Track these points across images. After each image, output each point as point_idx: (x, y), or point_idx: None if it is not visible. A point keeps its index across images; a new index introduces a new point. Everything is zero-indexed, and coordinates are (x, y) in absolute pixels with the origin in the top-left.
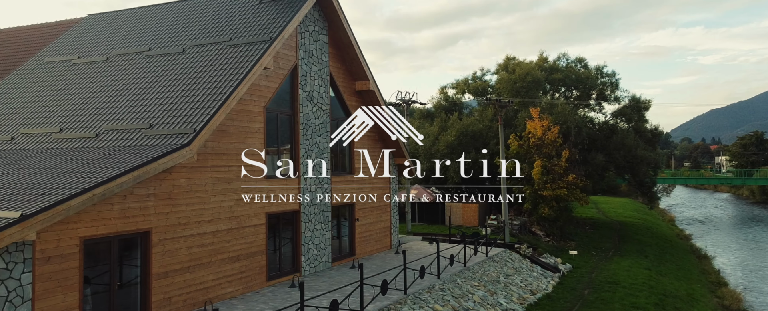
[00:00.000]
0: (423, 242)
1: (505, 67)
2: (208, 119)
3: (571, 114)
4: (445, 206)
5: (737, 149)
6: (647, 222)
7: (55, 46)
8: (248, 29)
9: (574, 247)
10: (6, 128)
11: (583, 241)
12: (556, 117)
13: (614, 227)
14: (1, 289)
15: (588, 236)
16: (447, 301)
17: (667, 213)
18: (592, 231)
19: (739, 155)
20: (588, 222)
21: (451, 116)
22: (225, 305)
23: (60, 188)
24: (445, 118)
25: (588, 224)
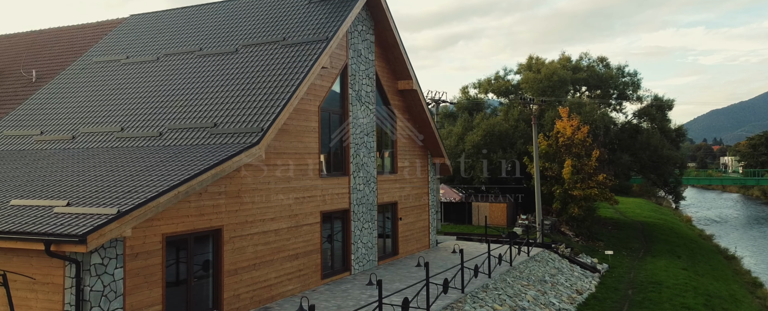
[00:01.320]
0: (457, 241)
1: (529, 67)
2: (275, 118)
3: (599, 114)
4: (471, 205)
5: (747, 150)
6: (667, 222)
7: (101, 47)
8: (301, 29)
9: (602, 247)
10: (65, 127)
11: (611, 241)
12: (584, 117)
13: (636, 227)
14: (97, 284)
15: (613, 236)
16: (504, 301)
17: (682, 213)
18: (615, 231)
19: (748, 155)
20: (609, 222)
21: (476, 116)
22: (311, 301)
23: (143, 185)
24: (468, 118)
25: (610, 224)
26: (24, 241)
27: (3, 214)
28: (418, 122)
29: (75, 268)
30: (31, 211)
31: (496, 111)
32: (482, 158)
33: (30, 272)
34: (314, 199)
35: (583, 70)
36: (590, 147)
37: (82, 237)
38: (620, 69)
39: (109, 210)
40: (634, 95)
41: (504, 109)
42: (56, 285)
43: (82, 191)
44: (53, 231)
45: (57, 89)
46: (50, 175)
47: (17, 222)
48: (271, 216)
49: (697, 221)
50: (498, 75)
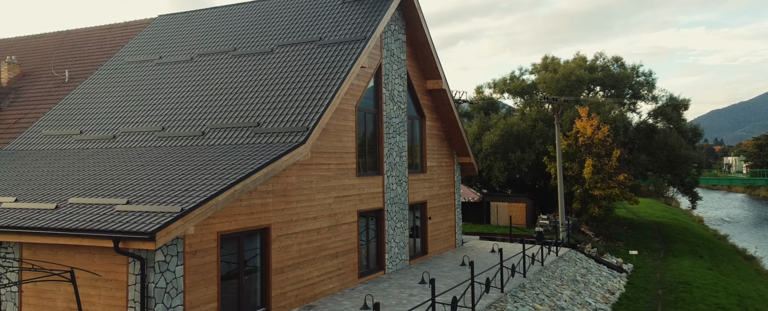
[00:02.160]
0: (481, 241)
1: (545, 67)
2: (319, 117)
3: (618, 113)
4: (489, 205)
5: (753, 150)
6: (680, 223)
7: (132, 47)
8: (337, 29)
9: (622, 247)
10: (104, 126)
11: (630, 241)
12: (603, 116)
13: (651, 227)
14: (161, 281)
15: (631, 236)
16: (542, 300)
17: (692, 213)
18: (631, 231)
19: (754, 155)
20: (624, 222)
21: (493, 116)
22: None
23: (199, 184)
24: (484, 117)
25: (624, 224)
26: (92, 238)
27: (65, 212)
28: (446, 121)
29: (139, 265)
30: (92, 209)
31: (512, 111)
32: (500, 158)
33: (92, 269)
34: (352, 198)
35: (598, 70)
36: (610, 147)
37: (151, 235)
38: (634, 69)
39: (172, 208)
40: (649, 94)
41: (521, 108)
42: (119, 281)
43: (139, 190)
44: (121, 229)
45: (92, 89)
46: (100, 174)
47: (82, 220)
48: (313, 215)
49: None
50: (513, 75)
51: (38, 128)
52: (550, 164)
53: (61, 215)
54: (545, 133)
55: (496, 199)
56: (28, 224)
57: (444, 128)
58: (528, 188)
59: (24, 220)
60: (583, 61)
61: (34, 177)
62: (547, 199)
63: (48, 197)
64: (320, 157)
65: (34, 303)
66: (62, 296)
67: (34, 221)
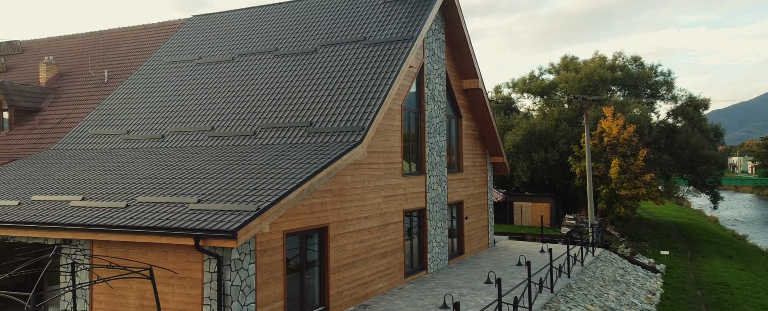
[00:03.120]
0: (511, 241)
1: (566, 67)
2: (373, 117)
3: (643, 113)
4: (513, 205)
5: (761, 150)
6: (697, 223)
7: (169, 48)
8: (382, 28)
9: (647, 247)
10: (151, 126)
11: (653, 241)
12: (628, 116)
13: (670, 227)
14: (236, 278)
15: (654, 236)
16: (591, 300)
17: (704, 213)
18: (652, 231)
19: (763, 155)
20: (643, 222)
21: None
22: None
23: (267, 183)
24: (504, 117)
25: (644, 224)
26: (173, 236)
27: (136, 210)
28: (480, 121)
29: (216, 263)
30: (164, 207)
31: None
32: (523, 158)
33: (166, 266)
34: (398, 198)
35: (617, 70)
36: (636, 147)
37: (233, 233)
38: (653, 68)
39: (247, 207)
40: (668, 94)
41: (541, 108)
42: (194, 279)
43: (206, 189)
44: (201, 227)
45: (133, 89)
46: (161, 173)
47: (156, 218)
48: (365, 215)
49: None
50: (532, 75)
51: (84, 128)
52: (575, 164)
53: (132, 213)
54: (569, 133)
55: (520, 199)
56: (103, 222)
57: (478, 127)
58: (548, 188)
59: (97, 218)
60: (603, 60)
61: (93, 176)
62: (567, 199)
63: (116, 196)
64: (371, 156)
65: (106, 300)
66: (134, 293)
67: (106, 220)
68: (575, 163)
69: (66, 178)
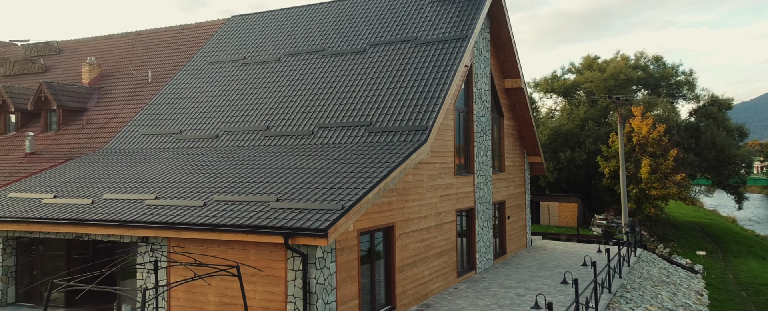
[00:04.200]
0: (546, 241)
1: (589, 66)
2: (436, 116)
3: (670, 113)
4: (539, 205)
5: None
6: (717, 223)
7: (211, 48)
8: (432, 28)
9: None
10: (203, 126)
11: (681, 242)
12: (657, 116)
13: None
14: (320, 276)
15: (679, 236)
16: (648, 301)
17: (719, 213)
18: (675, 232)
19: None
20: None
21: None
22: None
23: (341, 182)
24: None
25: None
26: (261, 234)
27: (216, 208)
28: (520, 120)
29: (300, 261)
30: (243, 206)
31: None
32: (549, 158)
33: (247, 264)
34: (451, 197)
35: (640, 69)
36: (665, 147)
37: (323, 231)
38: (674, 67)
39: (332, 205)
40: (690, 93)
41: (565, 108)
42: (277, 277)
43: (279, 188)
44: (291, 225)
45: (179, 90)
46: (227, 172)
47: (239, 216)
48: (424, 214)
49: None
50: (555, 75)
51: (134, 128)
52: (604, 164)
53: (211, 211)
54: (596, 132)
55: (547, 199)
56: (182, 220)
57: (517, 127)
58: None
59: (176, 216)
60: (626, 60)
61: (157, 175)
62: (591, 198)
63: (190, 195)
64: (429, 156)
65: (185, 298)
66: (214, 290)
67: (186, 218)
68: (604, 163)
69: (131, 177)
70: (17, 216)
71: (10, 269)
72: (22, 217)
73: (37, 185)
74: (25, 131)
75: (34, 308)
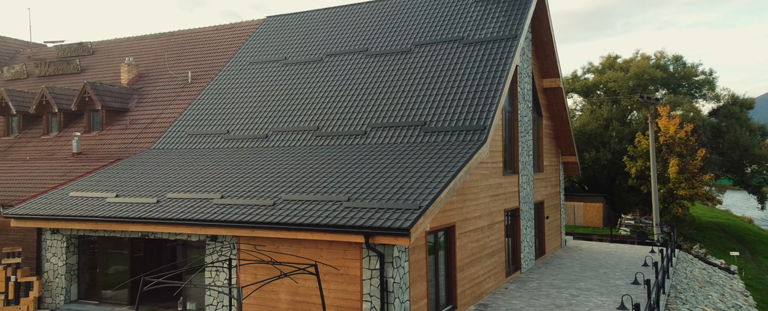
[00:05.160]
0: (577, 241)
1: (611, 66)
2: (493, 116)
3: (696, 112)
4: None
5: None
6: (736, 223)
7: (249, 49)
8: (479, 27)
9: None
10: (250, 126)
11: (706, 242)
12: (682, 116)
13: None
14: (396, 275)
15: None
16: (701, 301)
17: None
18: (699, 232)
19: None
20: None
21: None
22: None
23: (409, 183)
24: None
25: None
26: (342, 233)
27: (286, 208)
28: (556, 120)
29: (377, 260)
30: (314, 205)
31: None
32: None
33: (322, 263)
34: (500, 197)
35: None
36: (692, 146)
37: (406, 230)
38: (694, 67)
39: (409, 205)
40: (710, 93)
41: (588, 107)
42: (352, 276)
43: (346, 188)
44: (371, 224)
45: (222, 90)
46: (289, 172)
47: (312, 215)
48: (478, 214)
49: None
50: (575, 75)
51: (180, 128)
52: (630, 164)
53: (281, 210)
54: (620, 132)
55: (572, 198)
56: (253, 219)
57: (553, 126)
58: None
59: (247, 215)
60: (647, 59)
61: (216, 175)
62: (613, 198)
63: (257, 194)
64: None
65: (256, 295)
66: (285, 289)
67: (257, 217)
68: (630, 163)
69: (189, 176)
70: (86, 215)
71: (73, 267)
72: (91, 216)
73: (95, 185)
74: (67, 131)
75: (97, 305)
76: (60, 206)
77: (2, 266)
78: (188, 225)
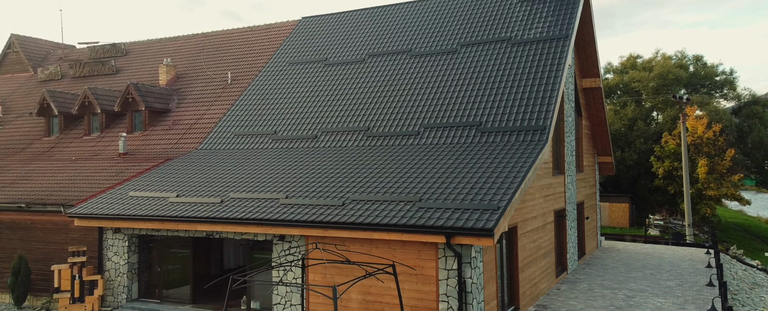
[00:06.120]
0: (609, 241)
1: (633, 66)
2: (552, 116)
3: (724, 113)
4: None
5: None
6: (752, 223)
7: (287, 50)
8: (526, 27)
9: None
10: (298, 127)
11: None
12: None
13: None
14: (473, 275)
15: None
16: (757, 303)
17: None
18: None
19: None
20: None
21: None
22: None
23: (479, 184)
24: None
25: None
26: (421, 233)
27: (356, 208)
28: (594, 119)
29: (453, 260)
30: (387, 206)
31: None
32: None
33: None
34: (551, 198)
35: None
36: (720, 146)
37: (489, 231)
38: (714, 67)
39: (487, 205)
40: (730, 93)
41: (612, 107)
42: (427, 276)
43: (415, 189)
44: (452, 225)
45: (264, 91)
46: (349, 173)
47: (388, 216)
48: (534, 214)
49: None
50: None
51: (226, 129)
52: (658, 165)
53: (352, 210)
54: (645, 132)
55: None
56: (324, 218)
57: (591, 126)
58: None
59: (318, 215)
60: (668, 59)
61: (275, 175)
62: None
63: (323, 194)
64: None
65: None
66: (357, 288)
67: (327, 217)
68: (657, 163)
69: (248, 176)
70: (152, 215)
71: (134, 266)
72: (157, 215)
73: (152, 185)
74: (109, 132)
75: (159, 304)
76: (121, 205)
77: (68, 265)
78: (258, 225)
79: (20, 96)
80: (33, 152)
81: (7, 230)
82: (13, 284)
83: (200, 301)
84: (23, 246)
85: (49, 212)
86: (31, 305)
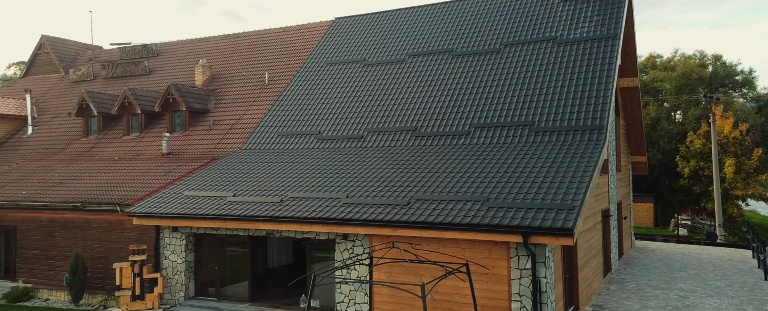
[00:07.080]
0: (641, 241)
1: (653, 66)
2: (607, 115)
3: (750, 112)
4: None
5: None
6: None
7: (323, 50)
8: (570, 27)
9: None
10: (341, 127)
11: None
12: (737, 115)
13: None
14: (548, 275)
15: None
16: None
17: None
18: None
19: None
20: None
21: None
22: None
23: (546, 184)
24: None
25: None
26: (497, 233)
27: (424, 208)
28: (630, 119)
29: (528, 259)
30: (454, 205)
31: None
32: None
33: (462, 262)
34: (599, 198)
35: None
36: (747, 146)
37: (569, 230)
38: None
39: (556, 204)
40: (750, 92)
41: None
42: (499, 275)
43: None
44: (529, 224)
45: (303, 91)
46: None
47: (465, 215)
48: (588, 214)
49: None
50: None
51: (268, 128)
52: (683, 164)
53: (419, 210)
54: (669, 132)
55: None
56: (395, 218)
57: (626, 126)
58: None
59: (384, 215)
60: (689, 59)
61: (328, 174)
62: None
63: (386, 194)
64: None
65: (389, 293)
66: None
67: (392, 216)
68: (683, 163)
69: (301, 176)
70: (212, 214)
71: (191, 264)
72: (217, 214)
73: (205, 184)
74: (148, 132)
75: (216, 301)
76: (178, 204)
77: (129, 263)
78: (323, 224)
79: (53, 97)
80: (73, 152)
81: (61, 229)
82: (71, 281)
83: (258, 299)
84: (78, 244)
85: (105, 211)
86: (88, 302)
